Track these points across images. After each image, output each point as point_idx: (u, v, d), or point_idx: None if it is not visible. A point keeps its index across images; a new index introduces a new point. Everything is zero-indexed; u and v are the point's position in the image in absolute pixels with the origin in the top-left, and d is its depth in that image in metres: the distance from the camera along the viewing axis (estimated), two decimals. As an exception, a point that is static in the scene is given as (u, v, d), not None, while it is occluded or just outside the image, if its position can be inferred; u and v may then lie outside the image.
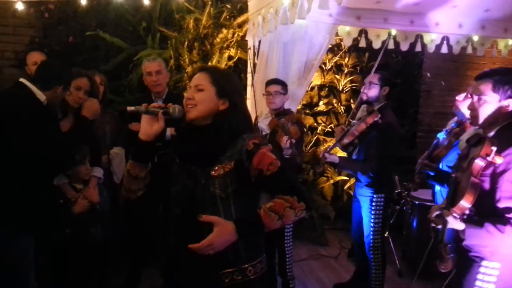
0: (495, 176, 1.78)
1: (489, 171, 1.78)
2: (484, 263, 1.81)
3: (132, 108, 1.62)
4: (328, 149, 3.07)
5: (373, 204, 3.05)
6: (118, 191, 3.09)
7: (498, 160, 1.74)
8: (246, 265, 1.59)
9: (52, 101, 2.32)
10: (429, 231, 2.81)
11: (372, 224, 3.08)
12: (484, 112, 1.85)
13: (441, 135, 2.82)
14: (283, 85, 3.07)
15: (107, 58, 4.09)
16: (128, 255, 3.28)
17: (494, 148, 1.74)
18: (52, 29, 4.26)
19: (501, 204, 1.75)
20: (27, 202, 2.19)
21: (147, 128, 1.58)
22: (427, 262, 3.14)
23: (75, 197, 2.48)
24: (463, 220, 1.79)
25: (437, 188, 2.87)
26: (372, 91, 3.05)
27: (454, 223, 1.79)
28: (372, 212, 3.06)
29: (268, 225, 1.46)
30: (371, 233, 3.08)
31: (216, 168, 1.55)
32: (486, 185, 1.79)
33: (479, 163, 1.77)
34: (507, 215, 1.74)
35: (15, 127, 2.12)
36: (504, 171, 1.75)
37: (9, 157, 2.13)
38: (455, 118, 2.89)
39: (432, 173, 2.69)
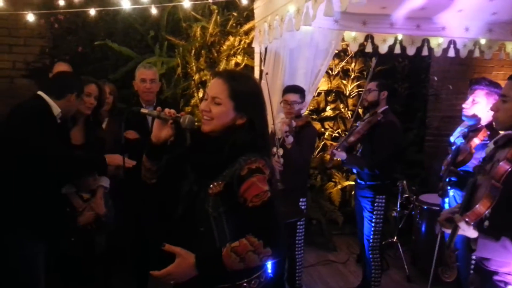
0: None
1: None
2: None
3: (146, 111, 1.68)
4: (336, 147, 3.13)
5: (375, 205, 3.11)
6: (123, 198, 3.11)
7: None
8: (241, 281, 1.51)
9: (66, 112, 2.37)
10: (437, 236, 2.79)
11: (373, 225, 3.14)
12: (507, 114, 1.74)
13: (459, 140, 2.76)
14: (301, 93, 3.12)
15: (116, 67, 4.14)
16: (132, 263, 3.29)
17: None
18: (61, 40, 4.33)
19: None
20: (37, 209, 2.23)
21: (157, 132, 1.62)
22: (437, 268, 3.13)
23: (81, 207, 2.50)
24: (476, 228, 1.64)
25: (451, 193, 2.77)
26: (370, 96, 3.18)
27: (467, 229, 1.64)
28: (374, 213, 3.12)
29: (228, 266, 1.39)
30: (371, 233, 3.15)
31: (214, 184, 1.50)
32: (508, 193, 1.61)
33: (504, 166, 1.61)
34: None
35: (28, 141, 2.18)
36: None
37: (19, 166, 2.19)
38: (465, 123, 2.86)
39: (455, 179, 2.62)
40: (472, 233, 1.65)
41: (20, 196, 2.20)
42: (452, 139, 2.94)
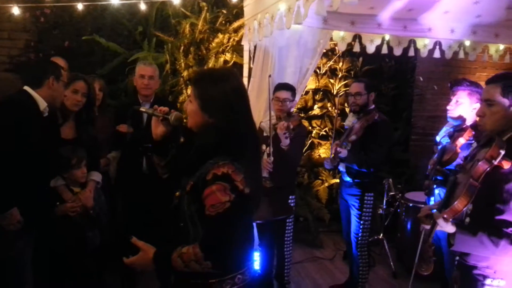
0: (498, 184, 1.63)
1: (493, 176, 1.64)
2: (488, 281, 1.72)
3: (143, 109, 1.82)
4: (339, 145, 3.13)
5: (364, 202, 3.14)
6: (115, 194, 3.10)
7: (506, 165, 1.60)
8: (213, 280, 1.52)
9: (52, 100, 2.34)
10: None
11: (362, 222, 3.17)
12: (493, 118, 1.73)
13: (445, 140, 2.81)
14: (292, 90, 3.14)
15: (103, 62, 4.10)
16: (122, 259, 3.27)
17: (503, 152, 1.61)
18: (47, 34, 4.26)
19: (500, 216, 1.63)
20: (25, 202, 2.21)
21: (154, 129, 1.72)
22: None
23: (71, 199, 2.49)
24: (454, 224, 1.69)
25: (436, 191, 2.83)
26: (361, 100, 3.21)
27: (444, 226, 1.69)
28: (362, 211, 3.15)
29: (175, 268, 1.45)
30: (360, 231, 3.19)
31: (189, 182, 1.53)
32: (487, 191, 1.65)
33: (483, 166, 1.64)
34: (505, 229, 1.62)
35: (14, 135, 2.16)
36: (509, 181, 1.61)
37: (5, 160, 2.16)
38: (450, 123, 2.91)
39: (441, 178, 2.68)
40: (450, 228, 1.70)
41: (8, 189, 2.17)
42: (438, 138, 2.99)
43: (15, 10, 3.77)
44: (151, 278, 3.23)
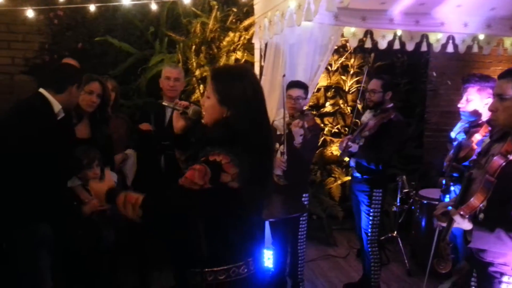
0: None
1: (509, 171, 1.62)
2: (505, 278, 1.70)
3: (166, 103, 2.00)
4: (352, 139, 3.13)
5: (372, 199, 3.14)
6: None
7: None
8: (207, 269, 1.57)
9: (68, 105, 2.37)
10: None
11: (370, 218, 3.17)
12: (506, 112, 1.72)
13: (460, 136, 2.78)
14: (305, 88, 3.13)
15: (116, 63, 4.14)
16: (136, 258, 3.31)
17: None
18: (61, 36, 4.32)
19: None
20: (43, 202, 2.24)
21: (174, 123, 1.80)
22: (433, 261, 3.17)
23: (88, 199, 2.52)
24: (471, 220, 1.67)
25: (452, 188, 2.78)
26: (375, 97, 3.19)
27: (461, 222, 1.68)
28: (371, 207, 3.15)
29: (117, 206, 1.50)
30: (370, 227, 3.19)
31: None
32: (502, 187, 1.63)
33: (498, 160, 1.62)
34: None
35: (29, 140, 2.19)
36: None
37: (20, 162, 2.19)
38: (464, 119, 2.88)
39: (457, 175, 2.65)
40: (466, 225, 1.68)
41: (25, 190, 2.20)
42: (452, 134, 2.96)
43: (30, 13, 3.82)
44: (166, 276, 3.28)
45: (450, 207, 1.84)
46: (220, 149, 1.49)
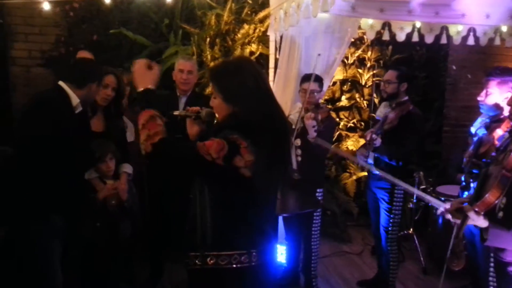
0: None
1: None
2: None
3: (177, 112, 1.86)
4: (375, 132, 3.02)
5: (393, 196, 3.06)
6: (145, 186, 3.14)
7: None
8: (208, 253, 1.57)
9: (87, 100, 2.37)
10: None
11: (392, 216, 3.10)
12: None
13: (481, 131, 2.71)
14: (320, 81, 3.08)
15: (131, 55, 4.14)
16: (149, 249, 3.33)
17: None
18: (77, 28, 4.35)
19: None
20: (60, 194, 2.25)
21: (189, 129, 1.79)
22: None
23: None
24: (487, 218, 1.63)
25: (471, 185, 2.68)
26: (390, 88, 3.11)
27: (476, 219, 1.65)
28: (392, 204, 3.07)
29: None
30: (390, 225, 3.11)
31: None
32: None
33: None
34: None
35: (49, 132, 2.19)
36: None
37: (38, 155, 2.20)
38: (483, 113, 2.79)
39: (477, 171, 2.53)
40: (482, 222, 1.65)
41: (43, 182, 2.21)
42: (473, 130, 2.87)
43: (46, 6, 3.85)
44: (178, 267, 3.29)
45: (466, 204, 1.80)
46: (239, 134, 1.50)
